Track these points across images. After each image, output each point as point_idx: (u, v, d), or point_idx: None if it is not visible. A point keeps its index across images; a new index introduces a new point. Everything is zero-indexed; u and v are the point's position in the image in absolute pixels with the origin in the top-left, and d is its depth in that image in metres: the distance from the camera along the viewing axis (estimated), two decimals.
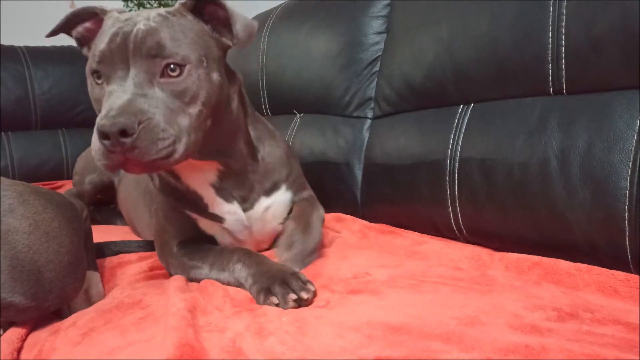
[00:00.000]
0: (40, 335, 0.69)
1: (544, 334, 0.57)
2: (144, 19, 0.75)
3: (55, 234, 0.76)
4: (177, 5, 0.79)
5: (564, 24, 0.81)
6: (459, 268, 0.83)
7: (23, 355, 0.66)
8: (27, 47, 2.11)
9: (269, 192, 0.97)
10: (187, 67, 0.73)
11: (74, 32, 0.86)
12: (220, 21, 0.80)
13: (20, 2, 2.96)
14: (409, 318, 0.63)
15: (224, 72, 0.83)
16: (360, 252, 0.93)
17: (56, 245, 0.75)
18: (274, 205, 0.98)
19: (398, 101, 1.15)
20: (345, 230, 1.09)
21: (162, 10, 0.78)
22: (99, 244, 1.10)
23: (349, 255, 0.91)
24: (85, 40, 0.86)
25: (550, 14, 0.83)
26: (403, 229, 1.07)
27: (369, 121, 1.25)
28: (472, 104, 0.98)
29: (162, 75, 0.72)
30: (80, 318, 0.72)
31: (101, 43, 0.74)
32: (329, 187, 1.29)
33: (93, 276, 0.96)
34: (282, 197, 0.99)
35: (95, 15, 0.83)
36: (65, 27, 0.85)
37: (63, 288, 0.75)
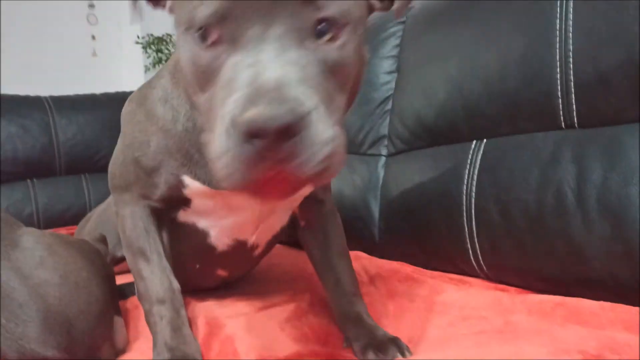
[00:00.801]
0: None
1: None
2: None
3: (85, 284, 0.77)
4: None
5: (571, 59, 0.82)
6: (481, 317, 0.81)
7: None
8: (51, 97, 2.20)
9: None
10: (347, 29, 0.49)
11: None
12: None
13: (45, 54, 3.11)
14: None
15: None
16: (379, 307, 0.90)
17: (86, 295, 0.76)
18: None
19: (411, 138, 1.16)
20: (362, 275, 1.08)
21: None
22: (120, 285, 1.11)
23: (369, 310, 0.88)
24: None
25: (557, 50, 0.84)
26: (421, 273, 1.05)
27: (383, 158, 1.26)
28: (485, 140, 0.99)
29: (316, 33, 0.48)
30: None
31: None
32: (346, 224, 1.28)
33: (117, 321, 0.97)
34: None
35: None
36: None
37: (93, 338, 0.76)
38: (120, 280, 1.08)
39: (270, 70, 0.44)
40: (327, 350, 0.76)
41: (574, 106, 0.83)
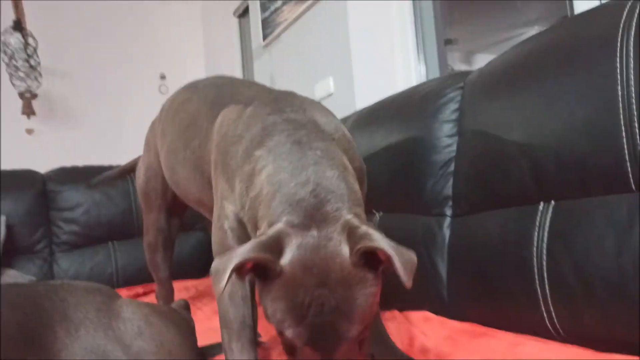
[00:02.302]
0: None
1: None
2: (328, 300, 0.71)
3: (177, 352, 0.84)
4: (348, 269, 0.73)
5: (636, 124, 0.84)
6: None
7: None
8: None
9: None
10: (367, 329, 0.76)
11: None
12: (378, 257, 0.75)
13: (123, 125, 3.38)
14: None
15: None
16: (455, 356, 0.92)
17: None
18: None
19: (477, 200, 1.19)
20: (434, 335, 1.09)
21: (337, 275, 0.72)
22: (201, 348, 1.17)
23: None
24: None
25: (621, 116, 0.85)
26: (495, 329, 1.06)
27: (448, 219, 1.29)
28: (553, 202, 1.00)
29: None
30: None
31: (295, 332, 0.72)
32: (414, 285, 1.31)
33: None
34: None
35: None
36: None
37: None
38: None
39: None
40: None
41: None
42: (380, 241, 0.72)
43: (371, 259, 0.74)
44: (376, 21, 2.20)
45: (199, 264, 2.37)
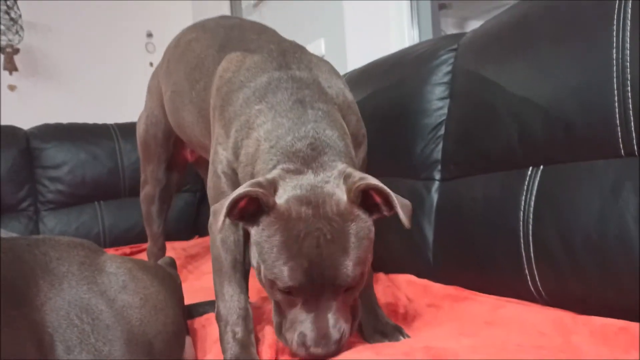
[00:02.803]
0: None
1: None
2: (324, 234, 0.73)
3: (162, 307, 0.84)
4: (345, 204, 0.76)
5: (629, 89, 0.83)
6: (541, 334, 0.82)
7: None
8: (117, 124, 2.35)
9: None
10: (362, 277, 0.79)
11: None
12: (376, 201, 0.79)
13: (109, 83, 3.30)
14: None
15: None
16: (437, 323, 0.94)
17: (163, 317, 0.83)
18: None
19: (466, 164, 1.18)
20: (418, 298, 1.10)
21: (333, 208, 0.75)
22: (188, 306, 1.18)
23: (426, 326, 0.92)
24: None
25: (615, 80, 0.84)
26: (478, 293, 1.07)
27: (437, 183, 1.28)
28: (542, 167, 1.00)
29: (342, 295, 0.78)
30: None
31: (289, 271, 0.74)
32: (400, 248, 1.32)
33: (186, 340, 1.04)
34: None
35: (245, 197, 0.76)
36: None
37: (170, 356, 0.82)
38: None
39: (321, 321, 0.76)
40: None
41: (634, 134, 0.84)
42: (379, 183, 0.75)
43: (367, 204, 0.78)
44: None
45: (186, 226, 2.36)
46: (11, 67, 3.01)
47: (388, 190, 0.76)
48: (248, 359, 0.85)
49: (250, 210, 0.77)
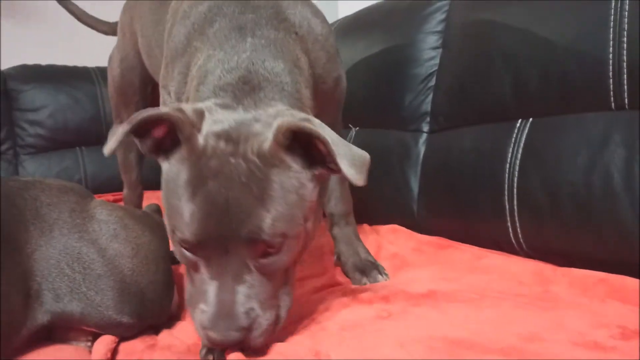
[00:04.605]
0: (136, 346, 0.76)
1: (608, 351, 0.57)
2: (238, 175, 0.60)
3: (154, 256, 0.82)
4: (269, 144, 0.62)
5: (625, 40, 0.81)
6: (520, 283, 0.83)
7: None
8: (98, 68, 2.27)
9: None
10: (286, 242, 0.63)
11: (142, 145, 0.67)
12: (320, 153, 0.63)
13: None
14: (470, 333, 0.64)
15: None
16: (418, 267, 0.95)
17: (154, 267, 0.81)
18: None
19: (455, 115, 1.17)
20: (401, 245, 1.12)
21: (254, 148, 0.61)
22: (172, 251, 1.17)
23: (408, 270, 0.93)
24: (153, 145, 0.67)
25: (611, 30, 0.83)
26: (461, 243, 1.08)
27: (425, 135, 1.27)
28: (531, 119, 0.99)
29: (261, 255, 0.63)
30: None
31: (189, 219, 0.61)
32: (385, 198, 1.32)
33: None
34: None
35: (162, 122, 0.64)
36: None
37: (161, 305, 0.82)
38: None
39: (226, 292, 0.62)
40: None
41: (625, 87, 0.83)
42: (320, 129, 0.61)
43: (310, 155, 0.64)
44: None
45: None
46: None
47: (325, 134, 0.60)
48: None
49: (168, 144, 0.65)
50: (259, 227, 0.60)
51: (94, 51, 2.38)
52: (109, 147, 0.63)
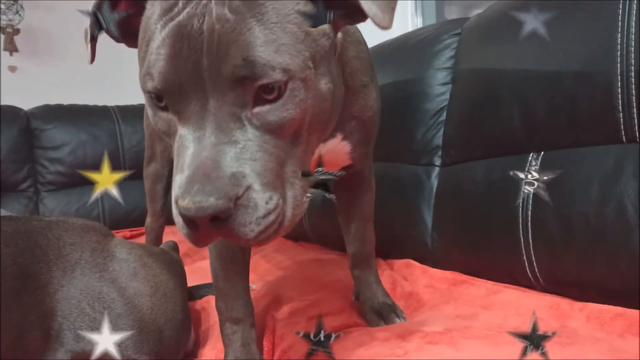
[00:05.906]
0: None
1: None
2: (216, 2, 0.48)
3: (172, 294, 0.83)
4: None
5: (632, 74, 0.82)
6: (537, 318, 0.82)
7: None
8: (117, 107, 2.34)
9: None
10: (290, 84, 0.49)
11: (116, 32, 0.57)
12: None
13: (108, 66, 3.28)
14: None
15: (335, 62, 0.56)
16: (434, 307, 0.94)
17: (172, 305, 0.82)
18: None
19: (467, 149, 1.18)
20: (416, 281, 1.11)
21: None
22: (190, 289, 1.18)
23: (424, 311, 0.93)
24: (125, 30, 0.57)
25: (619, 64, 0.84)
26: (475, 278, 1.07)
27: (437, 169, 1.28)
28: (543, 152, 0.99)
29: (255, 102, 0.49)
30: None
31: (156, 55, 0.48)
32: (399, 232, 1.32)
33: None
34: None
35: None
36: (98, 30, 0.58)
37: (178, 343, 0.82)
38: None
39: (207, 151, 0.47)
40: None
41: (636, 120, 0.83)
42: None
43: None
44: None
45: None
46: (12, 48, 2.99)
47: None
48: (249, 359, 0.80)
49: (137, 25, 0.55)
50: (246, 57, 0.46)
51: (113, 90, 2.47)
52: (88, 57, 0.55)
